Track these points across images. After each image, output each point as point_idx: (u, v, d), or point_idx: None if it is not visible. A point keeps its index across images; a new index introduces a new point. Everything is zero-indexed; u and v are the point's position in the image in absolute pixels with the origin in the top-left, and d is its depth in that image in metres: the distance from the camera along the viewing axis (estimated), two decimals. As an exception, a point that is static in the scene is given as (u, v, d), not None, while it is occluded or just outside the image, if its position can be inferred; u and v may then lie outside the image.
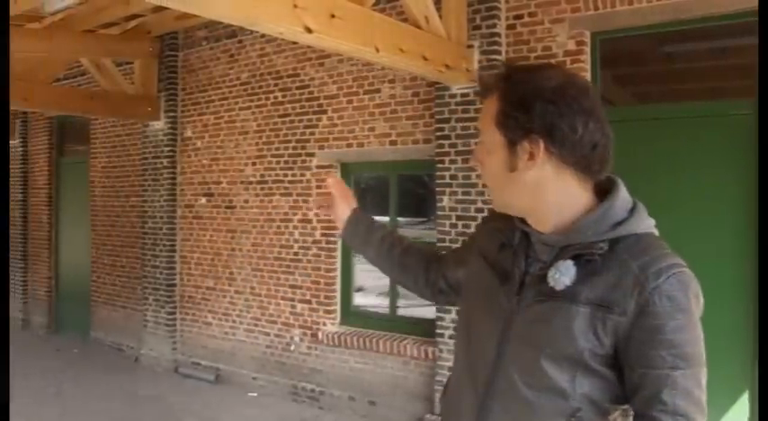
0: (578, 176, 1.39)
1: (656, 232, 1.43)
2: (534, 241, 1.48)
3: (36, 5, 5.78)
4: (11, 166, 10.51)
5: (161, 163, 7.83)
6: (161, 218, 7.84)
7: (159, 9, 7.03)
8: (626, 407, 1.39)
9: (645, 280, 1.30)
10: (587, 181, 1.41)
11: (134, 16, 7.45)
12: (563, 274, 1.36)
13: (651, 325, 1.29)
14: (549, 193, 1.40)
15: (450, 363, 5.37)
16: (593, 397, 1.35)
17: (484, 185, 1.38)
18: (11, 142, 10.50)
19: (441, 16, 5.01)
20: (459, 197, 5.36)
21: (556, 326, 1.35)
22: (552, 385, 1.35)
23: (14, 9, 5.93)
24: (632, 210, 1.41)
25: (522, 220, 1.50)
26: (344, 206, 1.98)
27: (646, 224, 1.41)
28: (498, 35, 5.21)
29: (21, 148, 10.41)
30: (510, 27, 5.24)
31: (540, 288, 1.40)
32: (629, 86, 4.98)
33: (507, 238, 1.53)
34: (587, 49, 4.95)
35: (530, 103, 1.35)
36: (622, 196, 1.42)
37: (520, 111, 1.36)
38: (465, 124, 5.30)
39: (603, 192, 1.43)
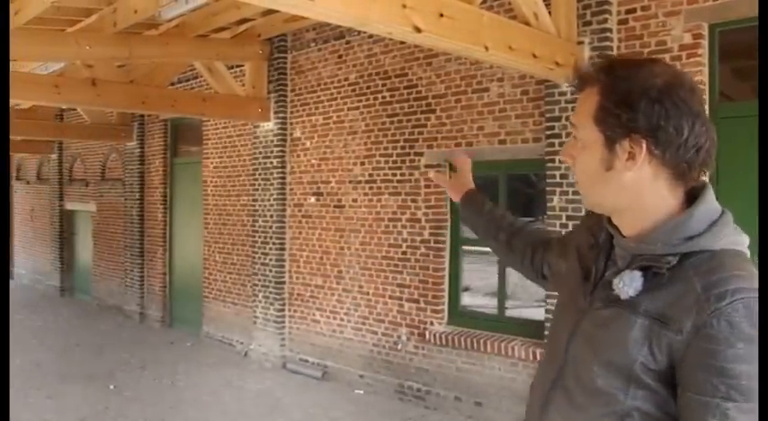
0: (673, 181, 1.36)
1: (745, 250, 1.36)
2: (615, 244, 1.48)
3: (153, 14, 6.20)
4: (131, 167, 11.23)
5: (271, 163, 8.23)
6: (271, 216, 8.23)
7: (269, 12, 7.44)
8: None
9: (705, 301, 1.24)
10: (680, 186, 1.37)
11: (244, 20, 7.91)
12: (626, 285, 1.35)
13: (705, 348, 1.23)
14: (644, 196, 1.38)
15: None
16: (644, 409, 1.33)
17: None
18: (128, 144, 11.18)
19: (550, 12, 5.10)
20: (570, 196, 5.40)
21: (613, 333, 1.35)
22: (601, 390, 1.36)
23: (133, 18, 6.42)
24: (713, 224, 1.34)
25: (610, 221, 1.50)
26: (460, 185, 2.24)
27: (727, 240, 1.34)
28: (609, 31, 5.25)
29: (138, 150, 11.18)
30: (621, 22, 5.26)
31: (608, 293, 1.40)
32: (751, 81, 4.86)
33: (596, 238, 1.54)
34: (705, 41, 4.92)
35: (635, 101, 1.31)
36: (706, 207, 1.36)
37: (623, 108, 1.33)
38: (575, 122, 5.30)
39: (694, 199, 1.38)
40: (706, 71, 4.88)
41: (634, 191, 1.38)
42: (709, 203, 1.36)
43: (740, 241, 1.36)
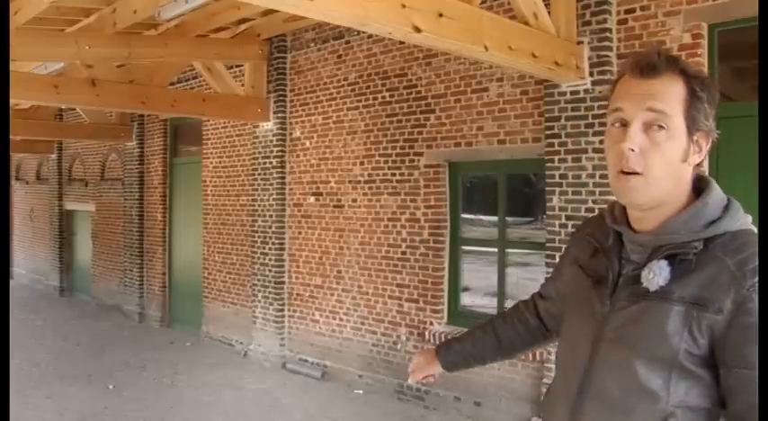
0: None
1: (754, 229, 1.44)
2: (627, 241, 1.51)
3: (152, 14, 6.20)
4: (130, 167, 11.22)
5: (270, 163, 8.23)
6: (270, 216, 8.24)
7: (268, 12, 7.44)
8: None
9: (742, 277, 1.30)
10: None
11: (244, 20, 7.93)
12: (657, 275, 1.38)
13: (748, 323, 1.28)
14: (684, 189, 1.45)
15: (558, 365, 5.40)
16: (688, 402, 1.36)
17: (624, 172, 1.29)
18: (128, 144, 11.18)
19: (549, 12, 5.10)
20: (569, 196, 5.41)
21: (649, 326, 1.38)
22: (645, 387, 1.37)
23: (133, 18, 6.42)
24: (726, 208, 1.42)
25: (615, 220, 1.54)
26: (431, 366, 2.15)
27: (742, 221, 1.42)
28: (609, 31, 5.26)
29: (137, 150, 11.20)
30: (621, 22, 5.27)
31: (634, 289, 1.43)
32: (750, 80, 4.86)
33: (599, 242, 1.58)
34: (704, 41, 4.93)
35: (714, 97, 1.41)
36: (716, 195, 1.44)
37: (709, 102, 1.40)
38: (575, 122, 5.35)
39: (696, 190, 1.46)
40: (705, 71, 4.87)
41: (683, 183, 1.44)
42: (718, 190, 1.45)
43: (750, 221, 1.44)
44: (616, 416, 1.42)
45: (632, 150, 1.39)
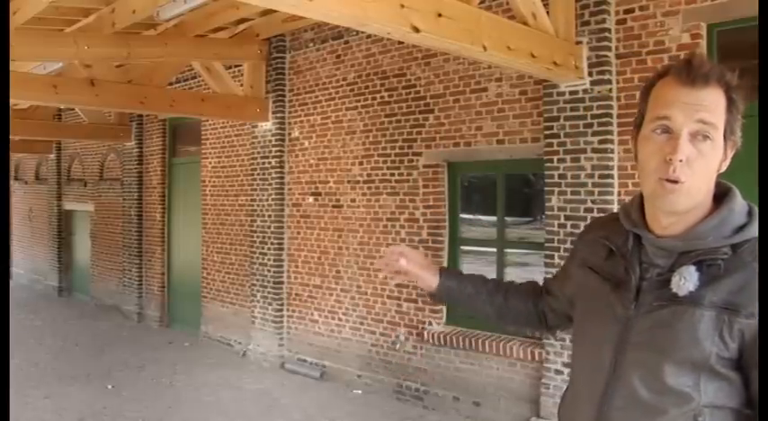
0: None
1: None
2: (648, 245, 1.50)
3: (151, 14, 6.19)
4: (129, 167, 11.22)
5: (269, 163, 8.22)
6: (269, 216, 8.23)
7: (267, 12, 7.44)
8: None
9: None
10: None
11: (243, 20, 7.93)
12: (687, 280, 1.39)
13: None
14: (710, 194, 1.46)
15: (556, 366, 5.43)
16: (716, 403, 1.38)
17: (669, 180, 1.30)
18: (127, 144, 11.17)
19: (548, 12, 5.10)
20: (568, 196, 5.41)
21: (680, 330, 1.38)
22: (675, 390, 1.38)
23: (132, 18, 6.41)
24: (749, 214, 1.44)
25: (633, 223, 1.53)
26: (427, 273, 1.98)
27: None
28: (608, 30, 5.25)
29: (136, 150, 11.18)
30: (620, 22, 5.27)
31: (661, 293, 1.43)
32: (750, 81, 4.83)
33: (615, 245, 1.57)
34: (703, 42, 4.93)
35: (743, 106, 1.43)
36: (739, 200, 1.46)
37: (740, 112, 1.43)
38: (574, 122, 5.35)
39: (716, 196, 1.47)
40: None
41: (711, 189, 1.46)
42: (740, 197, 1.47)
43: None
44: (646, 417, 1.42)
45: (680, 161, 1.38)
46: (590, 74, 5.29)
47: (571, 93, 5.40)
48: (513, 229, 6.47)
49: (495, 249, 6.41)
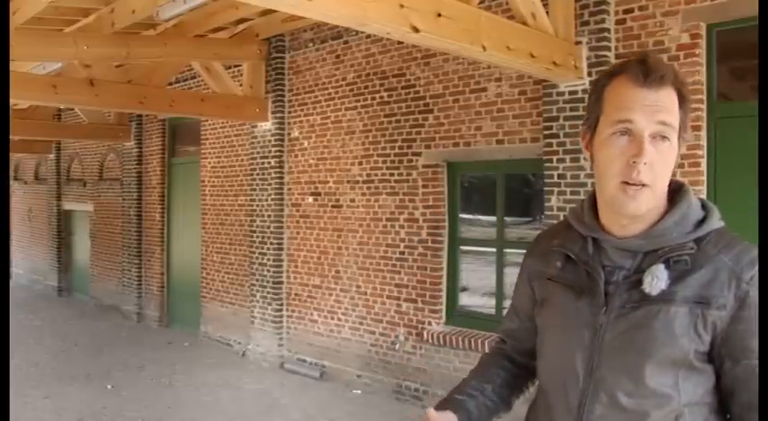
0: None
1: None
2: (609, 247, 1.49)
3: (151, 14, 6.18)
4: (128, 167, 11.22)
5: (269, 163, 8.21)
6: (269, 216, 8.22)
7: (267, 12, 7.43)
8: None
9: (741, 271, 1.35)
10: None
11: (242, 20, 7.92)
12: (659, 279, 1.38)
13: (751, 315, 1.33)
14: (665, 192, 1.47)
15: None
16: (694, 400, 1.39)
17: (631, 183, 1.29)
18: (126, 144, 11.17)
19: (548, 12, 5.10)
20: (568, 196, 5.40)
21: (657, 329, 1.37)
22: (656, 392, 1.38)
23: (131, 18, 6.40)
24: (706, 208, 1.47)
25: (591, 228, 1.51)
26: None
27: (718, 219, 1.46)
28: (607, 31, 5.25)
29: (136, 150, 11.18)
30: (619, 22, 5.26)
31: (631, 295, 1.42)
32: (749, 81, 4.85)
33: (573, 252, 1.54)
34: (703, 42, 4.92)
35: (690, 104, 1.45)
36: (691, 196, 1.48)
37: (689, 109, 1.44)
38: (573, 122, 5.34)
39: (669, 193, 1.47)
40: (704, 71, 4.87)
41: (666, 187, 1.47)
42: (692, 193, 1.50)
43: (720, 217, 1.48)
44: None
45: (644, 163, 1.38)
46: (589, 74, 5.28)
47: (570, 93, 5.39)
48: (513, 229, 6.46)
49: (494, 249, 6.40)
